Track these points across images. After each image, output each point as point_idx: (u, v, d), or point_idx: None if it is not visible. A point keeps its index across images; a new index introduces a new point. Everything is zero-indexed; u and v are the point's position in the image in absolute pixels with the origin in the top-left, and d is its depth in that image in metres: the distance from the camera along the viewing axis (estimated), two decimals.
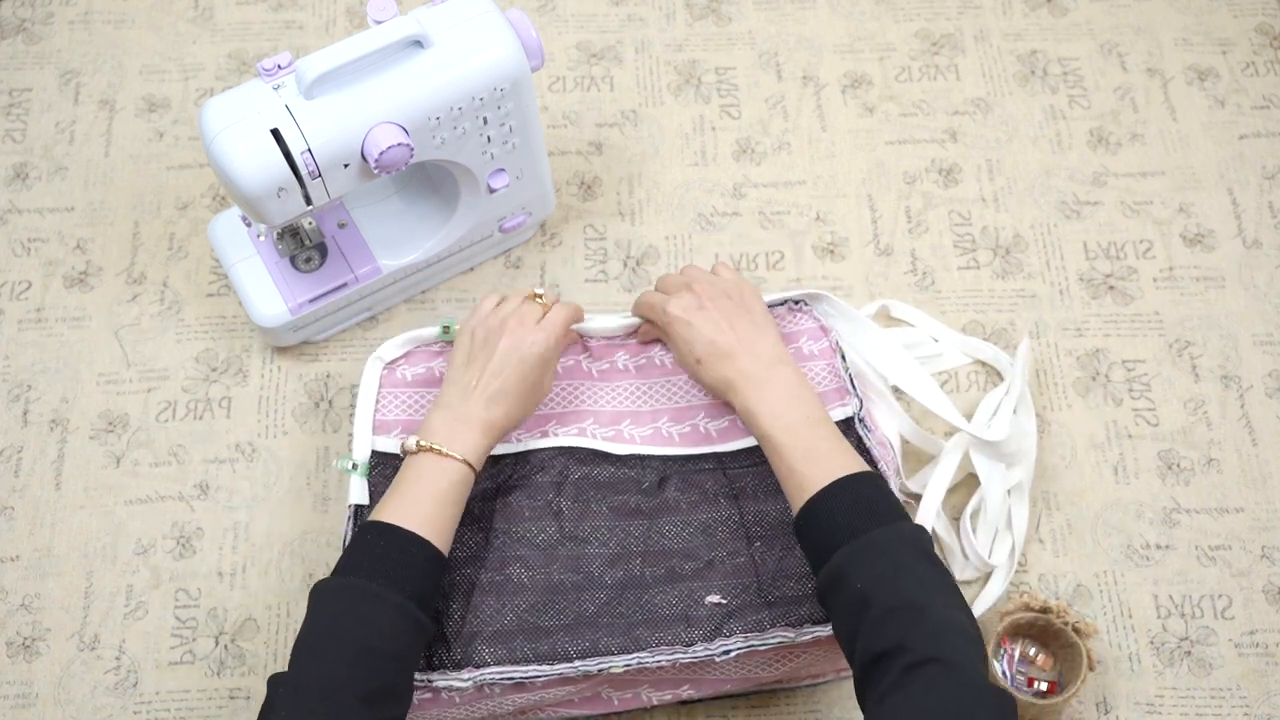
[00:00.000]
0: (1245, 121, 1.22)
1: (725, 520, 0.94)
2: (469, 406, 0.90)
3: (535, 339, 0.92)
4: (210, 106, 0.91)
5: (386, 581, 0.81)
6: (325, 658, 0.78)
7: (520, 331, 0.92)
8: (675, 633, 0.88)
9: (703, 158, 1.20)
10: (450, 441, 0.88)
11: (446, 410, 0.90)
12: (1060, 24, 1.27)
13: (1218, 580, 1.02)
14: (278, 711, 0.75)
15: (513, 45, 0.95)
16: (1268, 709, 0.97)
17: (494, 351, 0.91)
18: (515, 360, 0.91)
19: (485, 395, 0.90)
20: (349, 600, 0.81)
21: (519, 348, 0.91)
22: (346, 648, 0.78)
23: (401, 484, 0.88)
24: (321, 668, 0.77)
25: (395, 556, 0.83)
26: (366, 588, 0.80)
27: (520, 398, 0.92)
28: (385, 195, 1.11)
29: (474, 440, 0.89)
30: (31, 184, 1.19)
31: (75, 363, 1.10)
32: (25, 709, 0.97)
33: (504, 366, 0.91)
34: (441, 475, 0.87)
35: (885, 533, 0.79)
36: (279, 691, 0.77)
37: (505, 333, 0.92)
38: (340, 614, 0.80)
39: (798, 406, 0.87)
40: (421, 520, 0.85)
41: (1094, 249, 1.16)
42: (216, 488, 1.05)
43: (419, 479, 0.87)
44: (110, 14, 1.28)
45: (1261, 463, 1.06)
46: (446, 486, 0.87)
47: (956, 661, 0.72)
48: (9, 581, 1.02)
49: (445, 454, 0.87)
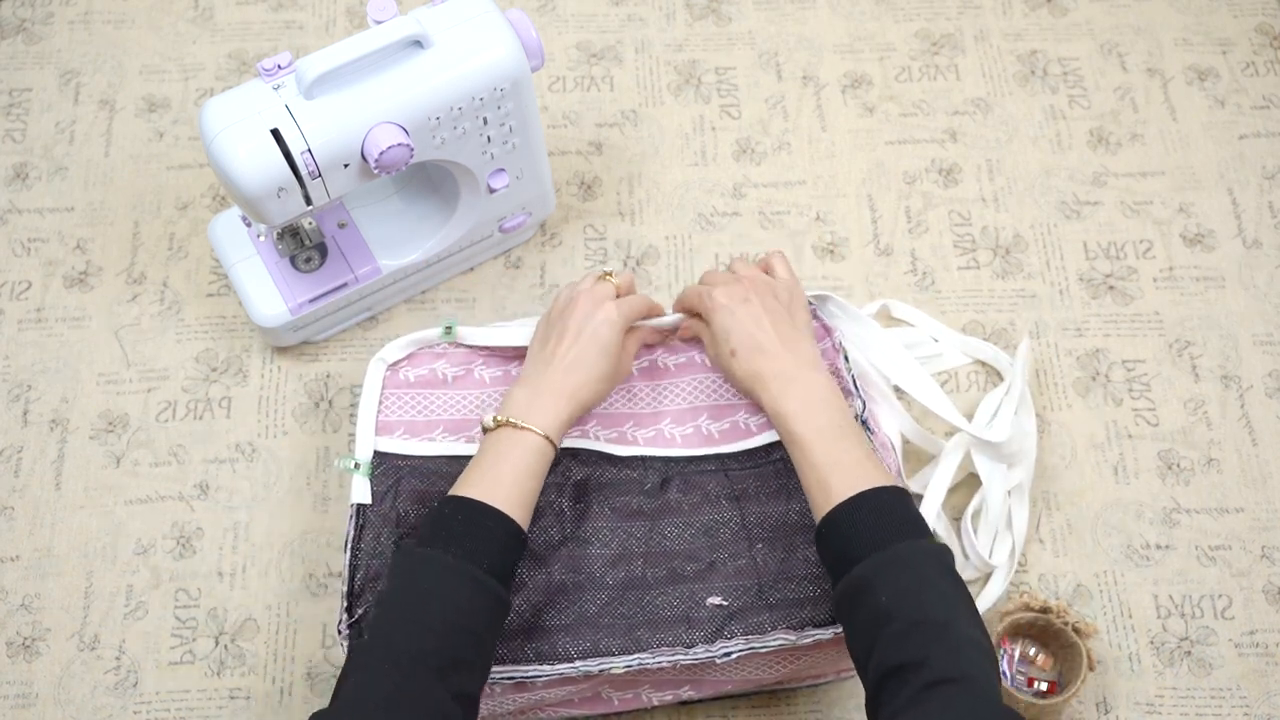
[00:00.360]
0: (1245, 121, 1.22)
1: (727, 522, 0.94)
2: (545, 377, 0.90)
3: (606, 313, 0.92)
4: (210, 106, 0.91)
5: (465, 556, 0.80)
6: (401, 627, 0.77)
7: (589, 305, 0.92)
8: (676, 634, 0.88)
9: (703, 158, 1.20)
10: (528, 414, 0.88)
11: (524, 385, 0.91)
12: (1060, 24, 1.28)
13: (1218, 580, 1.02)
14: (350, 677, 0.76)
15: (513, 45, 0.95)
16: (1268, 709, 0.97)
17: (567, 325, 0.92)
18: (588, 332, 0.91)
19: (562, 365, 0.90)
20: (429, 572, 0.80)
21: (591, 319, 0.92)
22: (423, 619, 0.78)
23: (480, 460, 0.87)
24: (396, 637, 0.77)
25: (474, 531, 0.82)
26: (446, 560, 0.80)
27: (596, 369, 0.91)
28: (385, 195, 1.11)
29: (552, 412, 0.89)
30: (31, 184, 1.19)
31: (75, 363, 1.10)
32: (25, 709, 0.97)
33: (578, 337, 0.91)
34: (519, 449, 0.87)
35: (911, 547, 0.79)
36: (355, 657, 0.77)
37: (577, 307, 0.93)
38: (419, 585, 0.80)
39: (828, 411, 0.87)
40: (501, 495, 0.84)
41: (1094, 249, 1.16)
42: (216, 488, 1.05)
43: (497, 454, 0.86)
44: (110, 14, 1.28)
45: (1261, 463, 1.06)
46: (525, 461, 0.86)
47: (976, 681, 0.72)
48: (9, 581, 1.02)
49: (523, 427, 0.87)
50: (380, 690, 0.75)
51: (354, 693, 0.75)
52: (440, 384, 1.00)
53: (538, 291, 1.14)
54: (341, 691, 0.76)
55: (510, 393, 0.91)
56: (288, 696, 0.98)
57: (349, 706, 0.75)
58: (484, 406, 1.00)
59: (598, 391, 0.92)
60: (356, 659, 0.77)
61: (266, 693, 0.98)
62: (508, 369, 1.01)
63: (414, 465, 0.97)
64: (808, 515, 0.93)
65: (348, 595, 0.90)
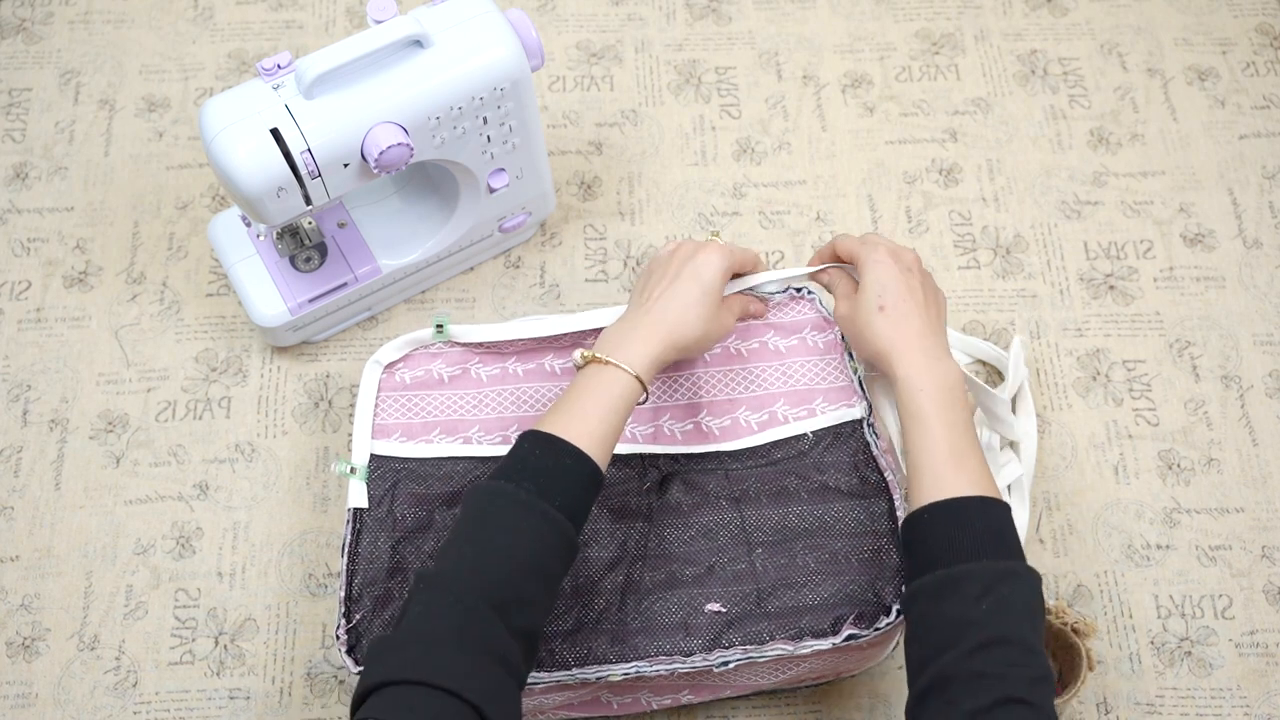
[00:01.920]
0: (1245, 121, 1.22)
1: (726, 524, 0.94)
2: (640, 314, 0.89)
3: (708, 253, 0.91)
4: (210, 106, 0.91)
5: (538, 492, 0.79)
6: (463, 560, 0.77)
7: (692, 247, 0.92)
8: (674, 641, 0.87)
9: (703, 157, 1.20)
10: (617, 350, 0.86)
11: (620, 323, 0.89)
12: (1060, 24, 1.27)
13: (1218, 580, 1.02)
14: (411, 608, 0.75)
15: (513, 45, 0.94)
16: (1268, 709, 0.97)
17: (668, 266, 0.91)
18: (689, 270, 0.90)
19: (659, 303, 0.89)
20: (498, 505, 0.79)
21: (692, 259, 0.91)
22: (489, 554, 0.77)
23: (566, 396, 0.85)
24: (458, 569, 0.76)
25: (551, 468, 0.80)
26: (516, 494, 0.79)
27: (694, 310, 0.89)
28: (385, 195, 1.11)
29: (643, 348, 0.87)
30: (31, 184, 1.19)
31: (75, 363, 1.10)
32: (25, 709, 0.97)
33: (678, 276, 0.90)
34: (605, 386, 0.85)
35: (1021, 567, 0.78)
36: (418, 586, 0.76)
37: (680, 248, 0.92)
38: (486, 518, 0.78)
39: (961, 402, 0.85)
40: (582, 432, 0.82)
41: (1094, 249, 1.16)
42: (216, 488, 1.05)
43: (584, 390, 0.85)
44: (110, 14, 1.28)
45: (1261, 463, 1.06)
46: (609, 398, 0.84)
47: (1044, 712, 0.72)
48: (9, 581, 1.02)
49: (611, 363, 0.85)
50: (441, 623, 0.74)
51: (416, 623, 0.74)
52: (437, 384, 1.00)
53: (538, 291, 1.14)
54: (404, 620, 0.75)
55: (605, 331, 0.89)
56: (287, 696, 0.98)
57: (411, 637, 0.74)
58: (481, 405, 1.00)
59: (695, 336, 0.90)
60: (420, 588, 0.76)
61: (266, 693, 0.98)
62: (505, 366, 1.01)
63: (411, 468, 0.96)
64: (807, 519, 0.93)
65: (345, 600, 0.90)
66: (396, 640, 0.74)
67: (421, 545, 0.93)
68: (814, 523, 0.92)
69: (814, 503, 0.93)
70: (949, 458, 0.82)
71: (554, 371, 1.01)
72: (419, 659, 0.72)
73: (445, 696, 0.70)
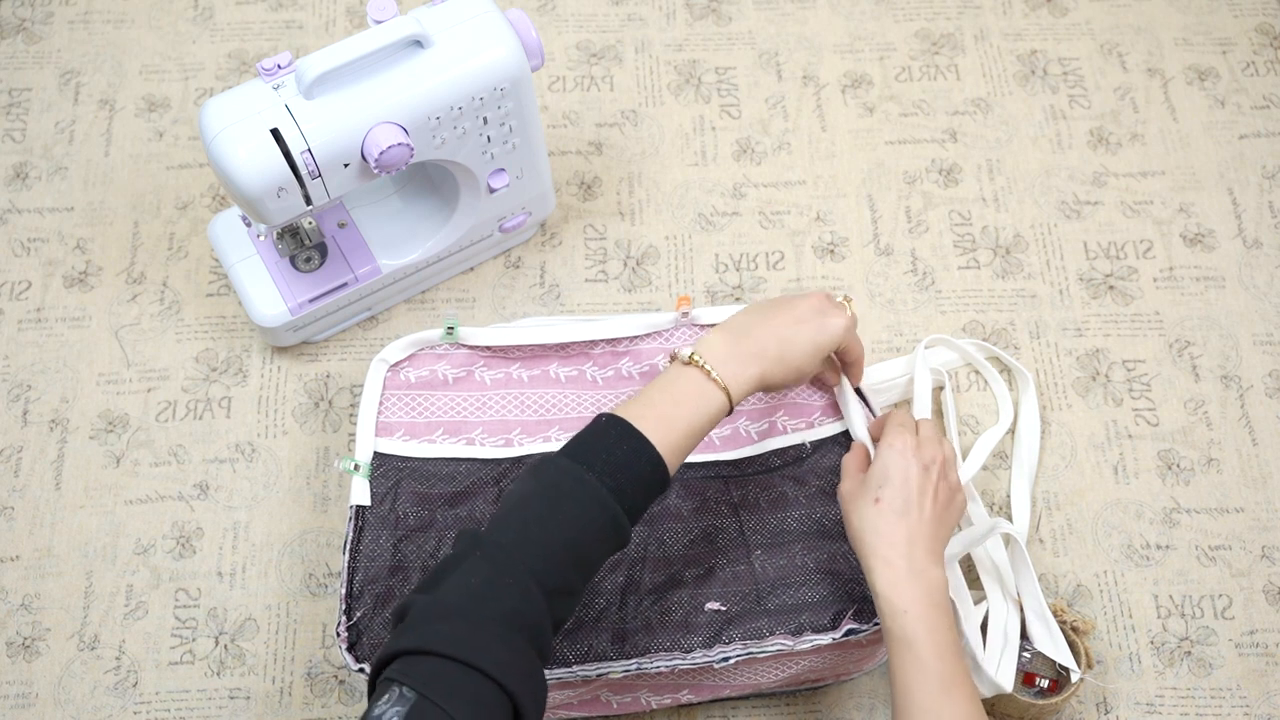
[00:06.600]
0: (1245, 121, 1.22)
1: (726, 529, 0.94)
2: (754, 336, 0.85)
3: (839, 315, 0.88)
4: (210, 106, 0.91)
5: (614, 492, 0.76)
6: (528, 539, 0.74)
7: (827, 303, 0.89)
8: (674, 639, 0.88)
9: (703, 158, 1.20)
10: (723, 366, 0.83)
11: (728, 332, 0.86)
12: (1060, 24, 1.27)
13: (1218, 580, 1.02)
14: (462, 570, 0.73)
15: (513, 45, 0.95)
16: (1268, 709, 0.97)
17: (798, 306, 0.88)
18: (817, 324, 0.87)
19: (777, 334, 0.85)
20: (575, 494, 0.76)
21: (824, 312, 0.88)
22: (551, 538, 0.74)
23: (660, 394, 0.82)
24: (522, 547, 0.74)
25: (631, 465, 0.78)
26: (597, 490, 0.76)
27: (801, 359, 0.86)
28: (385, 195, 1.11)
29: (744, 374, 0.83)
30: (31, 184, 1.19)
31: (75, 363, 1.10)
32: (25, 709, 0.97)
33: (805, 322, 0.87)
34: (700, 400, 0.82)
35: None
36: (472, 550, 0.74)
37: (815, 297, 0.89)
38: (560, 502, 0.76)
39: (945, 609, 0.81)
40: (667, 440, 0.79)
41: (1094, 249, 1.16)
42: (216, 488, 1.05)
43: (680, 397, 0.82)
44: (110, 14, 1.28)
45: (1261, 463, 1.06)
46: (700, 412, 0.82)
47: None
48: (9, 581, 1.02)
49: (714, 378, 0.82)
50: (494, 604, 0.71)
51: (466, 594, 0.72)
52: (441, 385, 1.00)
53: (538, 291, 1.14)
54: (445, 580, 0.72)
55: (709, 335, 0.85)
56: (287, 696, 0.98)
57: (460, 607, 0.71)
58: (485, 408, 1.00)
59: (785, 380, 0.87)
60: (476, 555, 0.74)
61: (266, 693, 0.98)
62: (509, 371, 1.01)
63: (414, 467, 0.97)
64: (805, 523, 0.93)
65: (346, 598, 0.90)
66: (444, 606, 0.71)
67: (423, 544, 0.93)
68: (812, 526, 0.93)
69: (812, 507, 0.94)
70: (939, 689, 0.78)
71: (558, 379, 1.01)
72: (468, 637, 0.69)
73: (485, 681, 0.68)
